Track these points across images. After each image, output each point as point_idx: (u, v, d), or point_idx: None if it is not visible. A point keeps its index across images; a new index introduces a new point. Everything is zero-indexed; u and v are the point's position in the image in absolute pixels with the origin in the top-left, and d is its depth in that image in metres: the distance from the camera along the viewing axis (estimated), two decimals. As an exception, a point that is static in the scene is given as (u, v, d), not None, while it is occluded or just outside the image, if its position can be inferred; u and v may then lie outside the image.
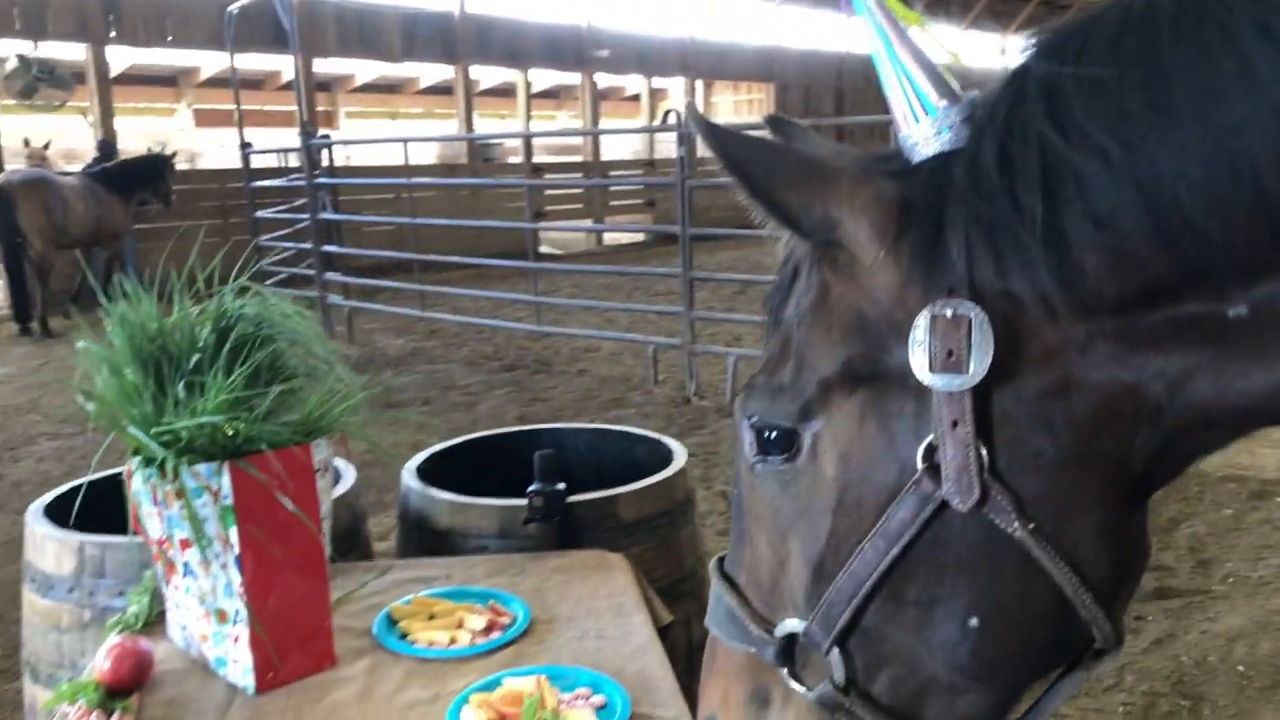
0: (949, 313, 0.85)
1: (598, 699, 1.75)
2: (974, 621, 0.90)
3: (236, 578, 1.78)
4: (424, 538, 2.63)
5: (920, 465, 0.88)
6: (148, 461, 1.77)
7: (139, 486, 1.83)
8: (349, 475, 2.71)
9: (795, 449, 0.95)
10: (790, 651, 0.99)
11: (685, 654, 2.44)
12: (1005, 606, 0.90)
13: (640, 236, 17.66)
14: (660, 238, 16.47)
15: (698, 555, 2.80)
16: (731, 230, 9.49)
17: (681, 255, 7.85)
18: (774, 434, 0.96)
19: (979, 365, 0.84)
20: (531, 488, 2.46)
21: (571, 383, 8.36)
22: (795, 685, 0.99)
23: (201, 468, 1.73)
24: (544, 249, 11.70)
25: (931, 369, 0.86)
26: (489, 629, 2.02)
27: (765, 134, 1.04)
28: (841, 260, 0.92)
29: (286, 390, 1.81)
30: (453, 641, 1.98)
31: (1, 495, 5.91)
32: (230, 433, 1.66)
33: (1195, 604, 4.12)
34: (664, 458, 2.90)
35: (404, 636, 2.01)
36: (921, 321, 0.86)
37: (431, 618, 2.06)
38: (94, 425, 1.82)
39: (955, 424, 0.86)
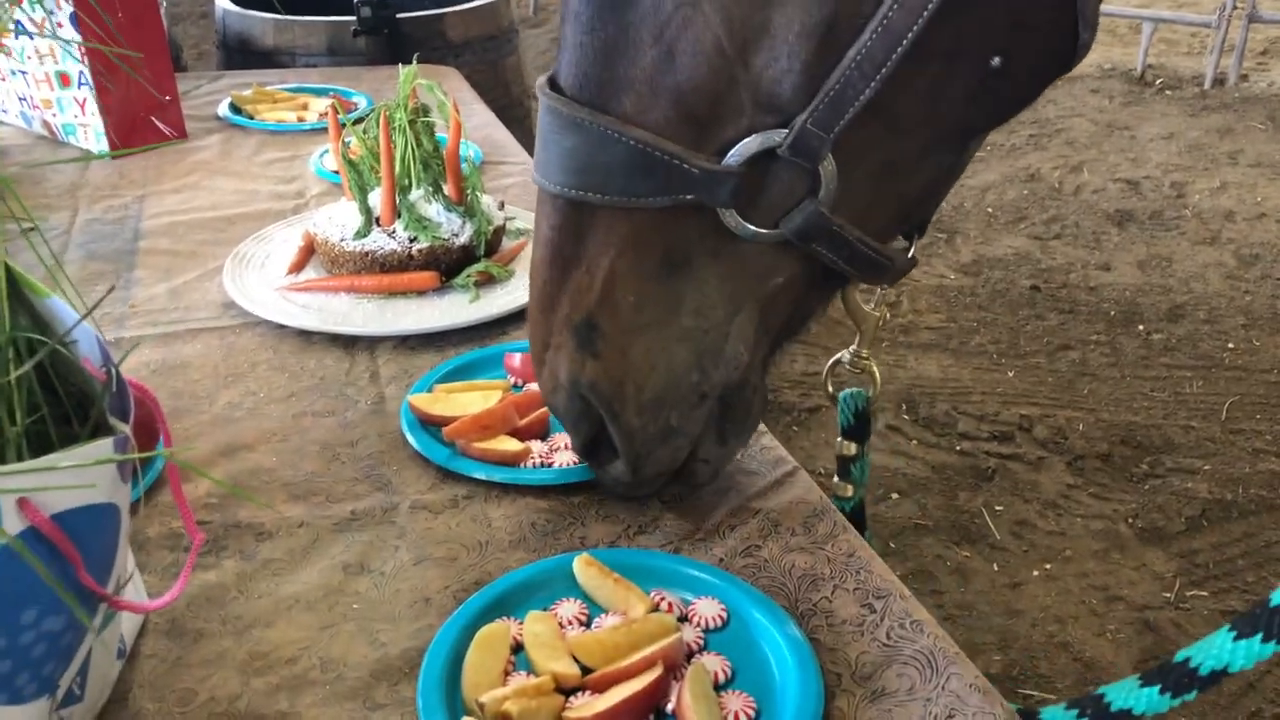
0: None
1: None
2: (996, 61, 0.74)
3: (74, 36, 1.77)
4: (247, 59, 2.60)
5: None
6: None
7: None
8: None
9: None
10: (752, 180, 0.74)
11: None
12: (1027, 28, 0.75)
13: None
14: None
15: (524, 87, 2.92)
16: None
17: None
18: None
19: None
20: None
21: None
22: (749, 227, 0.75)
23: (20, -90, 1.66)
24: None
25: None
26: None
27: None
28: None
29: None
30: (300, 120, 2.06)
31: None
32: None
33: (957, 167, 4.65)
34: None
35: (251, 118, 2.07)
36: None
37: (275, 103, 2.12)
38: None
39: None
